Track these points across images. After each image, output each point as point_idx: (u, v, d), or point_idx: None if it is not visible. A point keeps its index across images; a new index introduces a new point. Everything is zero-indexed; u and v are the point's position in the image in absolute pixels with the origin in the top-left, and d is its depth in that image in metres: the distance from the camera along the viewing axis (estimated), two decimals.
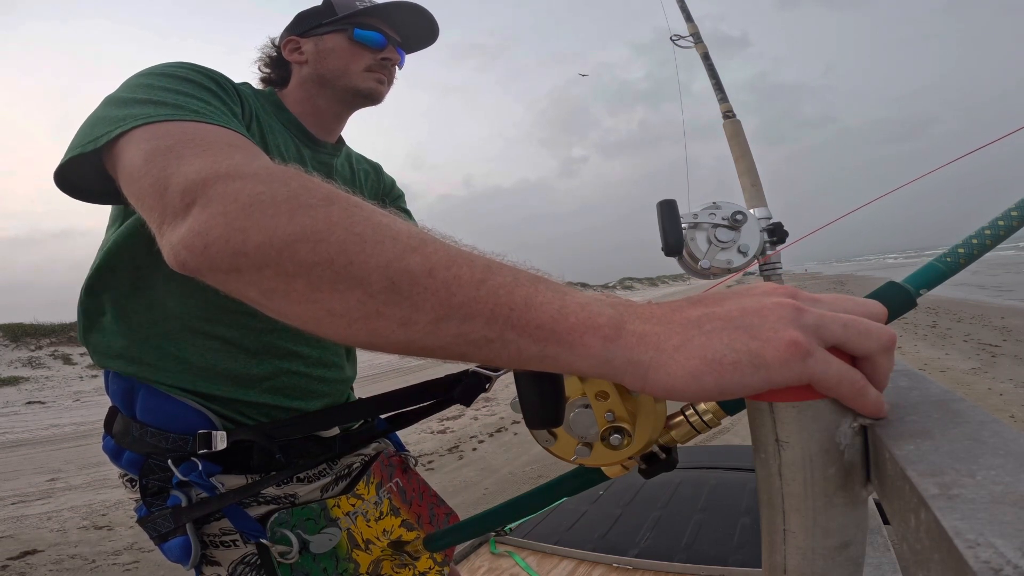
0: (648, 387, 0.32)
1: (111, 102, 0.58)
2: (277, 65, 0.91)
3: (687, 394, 0.31)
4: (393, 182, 1.09)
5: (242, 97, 0.75)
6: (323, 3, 0.88)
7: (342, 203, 0.38)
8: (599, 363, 0.32)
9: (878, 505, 0.86)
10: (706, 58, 1.19)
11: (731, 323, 0.31)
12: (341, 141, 0.97)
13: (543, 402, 0.39)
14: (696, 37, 1.23)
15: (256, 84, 0.92)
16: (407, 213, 1.08)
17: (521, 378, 0.40)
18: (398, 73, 0.93)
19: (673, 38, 1.24)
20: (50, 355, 12.93)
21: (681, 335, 0.31)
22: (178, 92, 0.58)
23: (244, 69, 0.94)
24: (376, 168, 1.06)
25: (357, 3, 0.86)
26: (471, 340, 0.34)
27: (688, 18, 1.25)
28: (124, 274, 0.74)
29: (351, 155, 1.01)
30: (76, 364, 12.77)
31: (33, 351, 12.96)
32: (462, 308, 0.34)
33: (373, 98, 0.90)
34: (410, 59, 0.96)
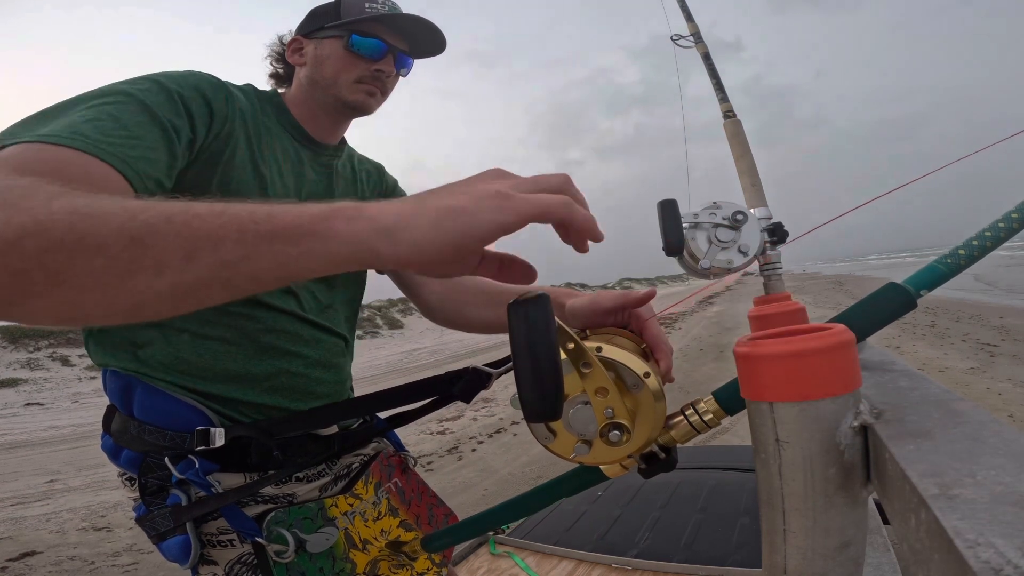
0: (399, 248, 0.36)
1: (61, 107, 0.57)
2: (284, 63, 0.90)
3: (434, 246, 0.36)
4: (395, 183, 1.08)
5: (228, 102, 0.75)
6: (332, 3, 0.86)
7: (68, 195, 0.37)
8: (351, 242, 0.36)
9: (878, 505, 0.86)
10: (707, 58, 1.18)
11: (454, 188, 0.39)
12: (343, 142, 0.96)
13: (542, 394, 0.39)
14: (697, 37, 1.23)
15: (264, 81, 0.91)
16: None
17: (520, 370, 0.39)
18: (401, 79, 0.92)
19: (674, 38, 1.24)
20: (48, 356, 12.91)
21: (415, 202, 0.38)
22: (107, 121, 0.56)
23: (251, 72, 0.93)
24: (379, 169, 1.06)
25: (366, 6, 0.84)
26: (228, 262, 0.35)
27: (689, 18, 1.25)
28: None
29: (353, 156, 1.01)
30: (75, 366, 12.75)
31: (32, 352, 12.93)
32: (209, 236, 0.35)
33: (361, 111, 0.88)
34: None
